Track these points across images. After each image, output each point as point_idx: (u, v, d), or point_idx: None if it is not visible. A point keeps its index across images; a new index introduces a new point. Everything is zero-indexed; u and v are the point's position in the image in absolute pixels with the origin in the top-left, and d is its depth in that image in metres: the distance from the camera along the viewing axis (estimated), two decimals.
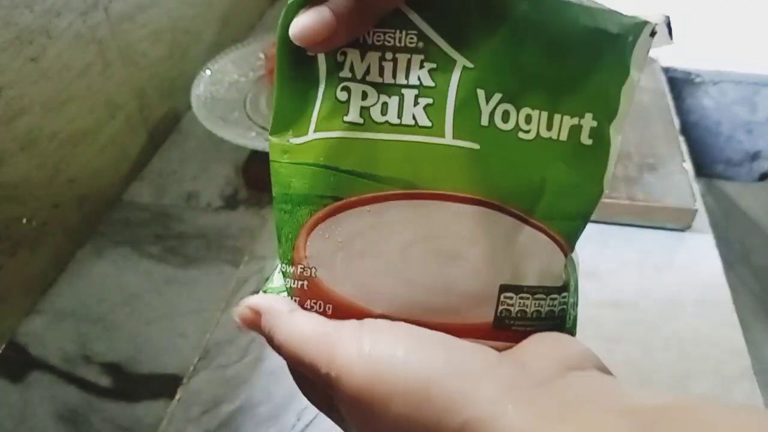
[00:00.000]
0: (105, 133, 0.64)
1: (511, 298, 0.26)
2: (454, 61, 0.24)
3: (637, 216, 0.61)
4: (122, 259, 0.60)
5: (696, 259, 0.59)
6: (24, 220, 0.54)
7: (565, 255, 0.27)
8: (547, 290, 0.26)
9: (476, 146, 0.24)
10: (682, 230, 0.62)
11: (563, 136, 0.25)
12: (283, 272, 0.26)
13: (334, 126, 0.25)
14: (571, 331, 0.27)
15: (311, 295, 0.26)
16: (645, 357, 0.50)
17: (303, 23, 0.23)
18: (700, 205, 0.61)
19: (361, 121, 0.24)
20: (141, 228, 0.63)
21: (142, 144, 0.71)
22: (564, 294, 0.27)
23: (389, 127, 0.24)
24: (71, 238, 0.60)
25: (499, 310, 0.26)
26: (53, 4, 0.54)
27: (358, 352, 0.22)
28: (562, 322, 0.27)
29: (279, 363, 0.28)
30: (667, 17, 0.26)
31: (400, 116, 0.24)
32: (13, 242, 0.53)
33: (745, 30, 0.97)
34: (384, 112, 0.24)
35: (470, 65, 0.24)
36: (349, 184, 0.25)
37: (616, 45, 0.25)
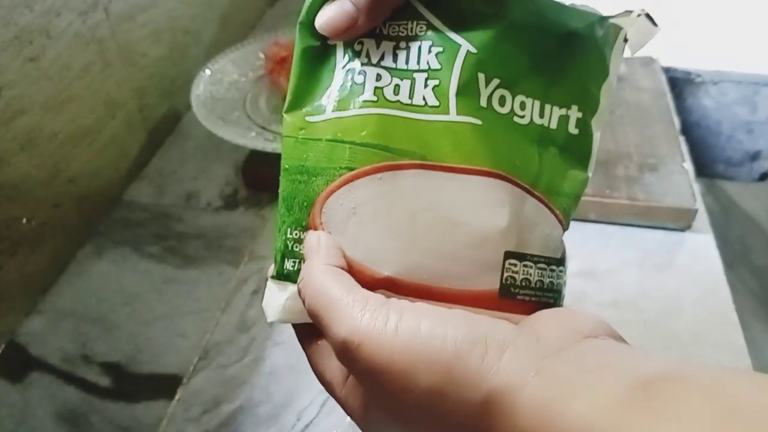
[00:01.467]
0: (105, 133, 0.64)
1: (516, 265, 0.27)
2: (458, 46, 0.26)
3: (637, 216, 0.61)
4: (122, 259, 0.60)
5: (696, 259, 0.59)
6: (24, 220, 0.54)
7: (563, 229, 0.28)
8: (548, 260, 0.28)
9: (478, 122, 0.26)
10: (682, 230, 0.62)
11: (553, 125, 0.28)
12: (293, 238, 0.28)
13: (350, 105, 0.27)
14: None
15: None
16: None
17: (328, 15, 0.26)
18: (700, 205, 0.61)
19: (375, 98, 0.27)
20: (141, 228, 0.63)
21: (142, 144, 0.71)
22: (561, 268, 0.28)
23: (401, 105, 0.27)
24: (71, 238, 0.60)
25: (504, 277, 0.27)
26: (53, 4, 0.54)
27: (385, 326, 0.23)
28: (558, 297, 0.28)
29: (279, 363, 0.28)
30: (644, 10, 0.28)
31: (411, 97, 0.26)
32: (13, 242, 0.53)
33: (745, 30, 0.97)
34: (396, 92, 0.27)
35: (473, 50, 0.26)
36: (364, 155, 0.26)
37: (598, 47, 0.28)
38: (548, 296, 0.28)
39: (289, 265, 0.28)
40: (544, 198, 0.27)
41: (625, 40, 0.28)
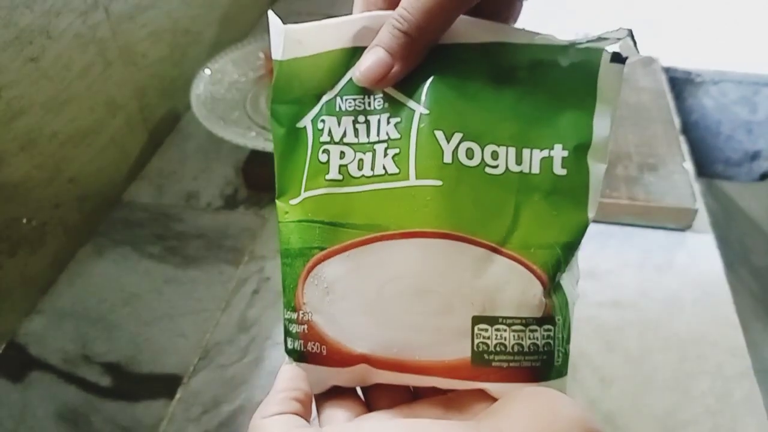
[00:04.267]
0: (105, 133, 0.64)
1: (486, 330, 0.26)
2: (413, 111, 0.26)
3: (637, 216, 0.61)
4: (122, 259, 0.60)
5: (696, 259, 0.59)
6: (24, 220, 0.54)
7: (543, 285, 0.26)
8: (526, 321, 0.26)
9: (438, 183, 0.26)
10: (682, 230, 0.62)
11: (535, 169, 0.26)
12: (288, 319, 0.28)
13: (318, 184, 0.27)
14: (561, 371, 0.26)
15: (310, 338, 0.27)
16: (645, 357, 0.50)
17: (365, 65, 0.26)
18: (700, 205, 0.61)
19: (340, 177, 0.27)
20: (141, 228, 0.63)
21: (142, 144, 0.71)
22: (547, 327, 0.26)
23: (365, 179, 0.27)
24: (71, 238, 0.60)
25: (475, 344, 0.25)
26: (53, 4, 0.54)
27: None
28: (549, 358, 0.26)
29: (279, 363, 0.28)
30: (629, 31, 0.26)
31: (373, 168, 0.27)
32: (13, 242, 0.53)
33: (745, 30, 0.97)
34: (360, 167, 0.27)
35: (426, 111, 0.26)
36: (332, 234, 0.27)
37: (576, 77, 0.26)
38: (531, 359, 0.26)
39: (289, 343, 0.28)
40: (517, 254, 0.26)
41: (620, 60, 0.26)
